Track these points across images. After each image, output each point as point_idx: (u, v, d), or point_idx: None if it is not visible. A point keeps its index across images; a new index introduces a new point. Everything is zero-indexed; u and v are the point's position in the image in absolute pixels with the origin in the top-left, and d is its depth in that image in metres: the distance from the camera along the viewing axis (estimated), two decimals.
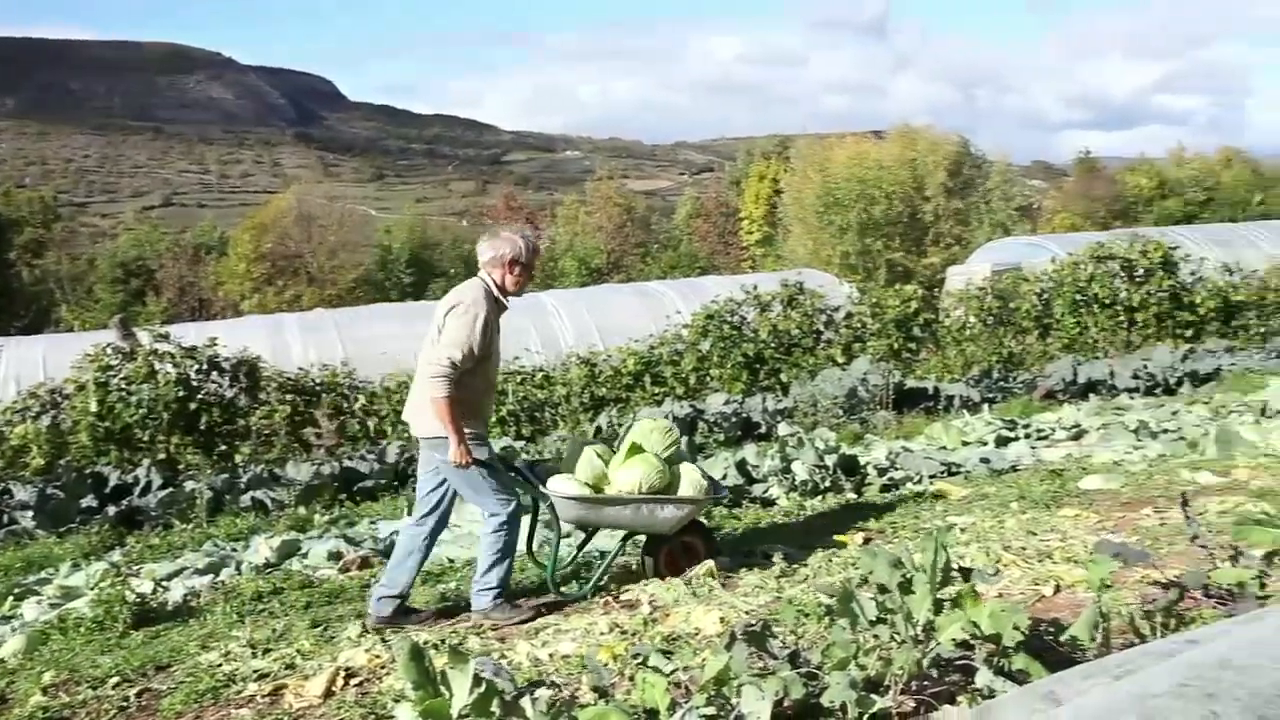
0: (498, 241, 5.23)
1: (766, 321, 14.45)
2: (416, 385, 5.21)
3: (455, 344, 4.96)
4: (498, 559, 5.15)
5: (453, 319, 5.03)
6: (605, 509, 5.35)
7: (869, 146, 40.66)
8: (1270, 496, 6.22)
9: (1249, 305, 17.41)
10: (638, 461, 5.41)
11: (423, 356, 5.16)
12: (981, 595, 4.67)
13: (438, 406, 4.92)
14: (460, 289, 5.21)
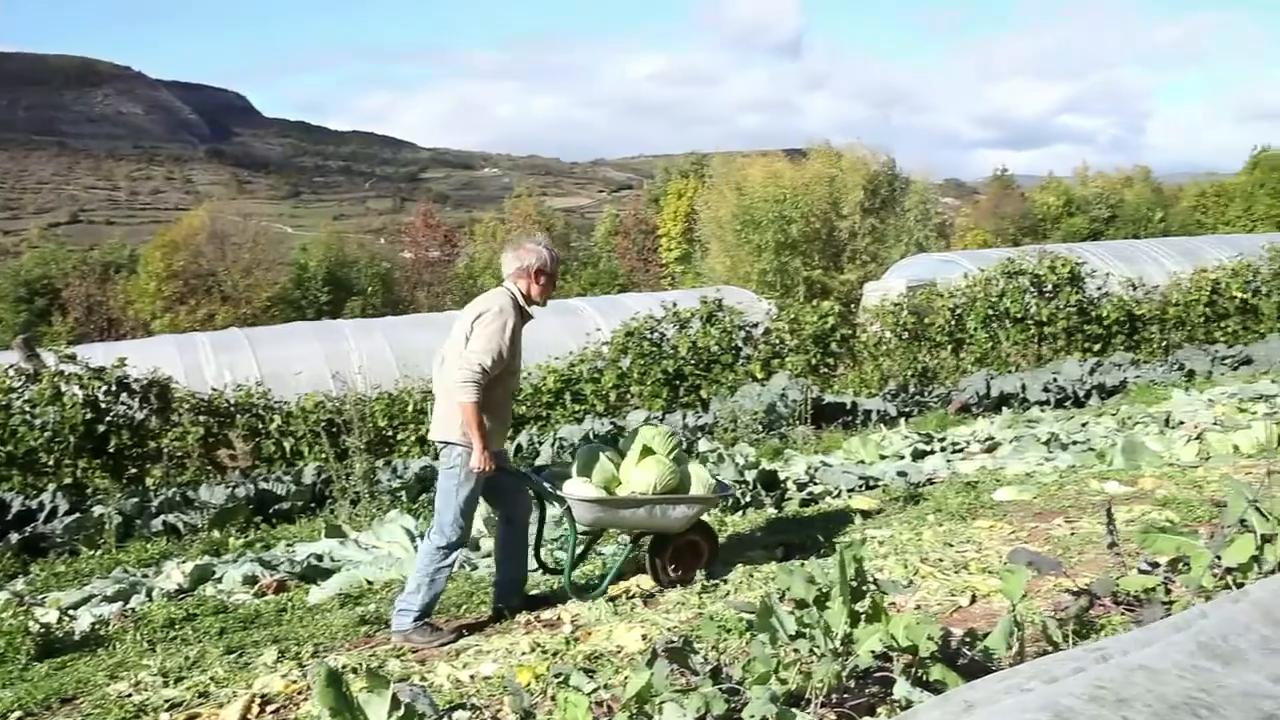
0: (522, 252, 5.32)
1: (686, 338, 14.51)
2: (438, 391, 5.35)
3: (486, 350, 5.03)
4: (428, 582, 5.12)
5: (482, 326, 5.10)
6: (621, 510, 5.48)
7: (784, 165, 41.12)
8: (1174, 505, 6.40)
9: (1152, 319, 17.93)
10: (651, 463, 5.53)
11: (443, 365, 5.26)
12: (900, 607, 4.75)
13: (465, 411, 4.98)
14: (487, 297, 5.29)
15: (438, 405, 5.32)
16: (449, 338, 5.28)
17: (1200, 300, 18.44)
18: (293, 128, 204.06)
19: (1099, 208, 51.57)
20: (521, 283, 5.30)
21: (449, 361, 5.19)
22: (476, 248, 52.48)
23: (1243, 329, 18.50)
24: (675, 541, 5.69)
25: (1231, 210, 47.94)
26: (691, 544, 5.77)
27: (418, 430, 13.10)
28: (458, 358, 5.08)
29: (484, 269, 46.94)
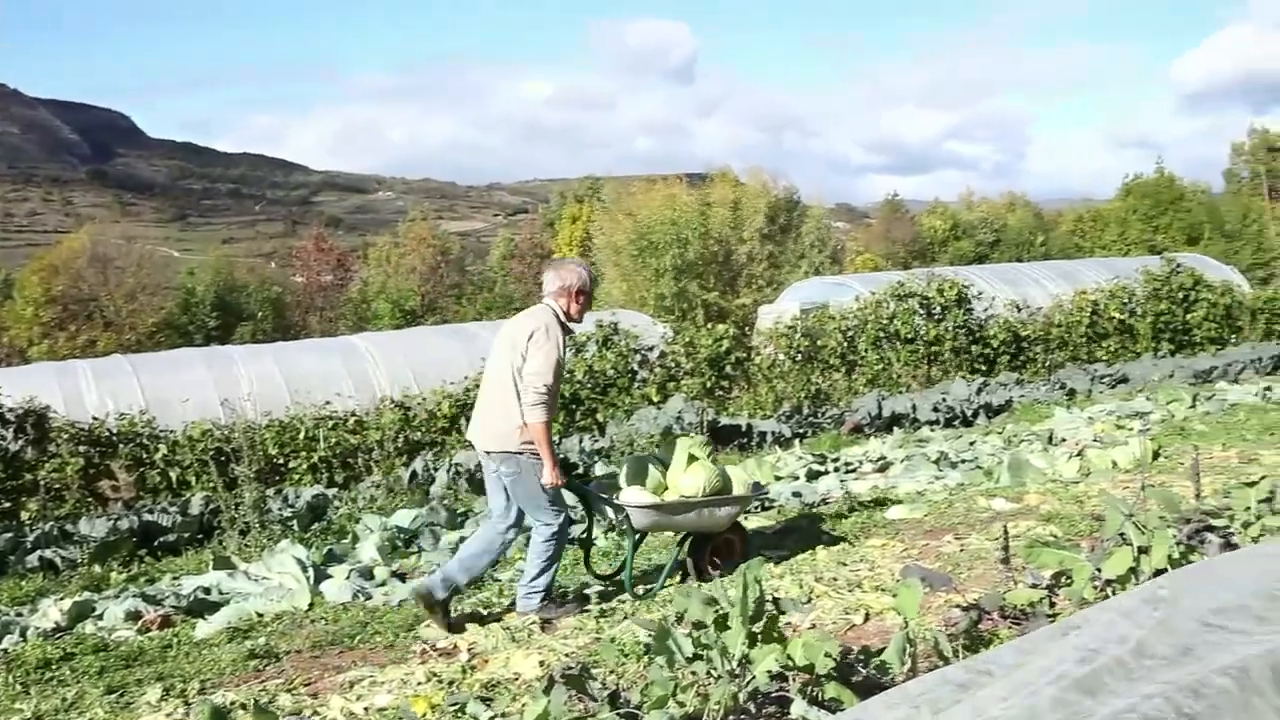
0: (564, 272, 5.65)
1: (582, 362, 14.50)
2: (485, 403, 5.57)
3: (544, 370, 5.30)
4: (545, 566, 5.50)
5: (536, 346, 5.34)
6: (674, 514, 5.92)
7: (682, 190, 41.48)
8: (1057, 520, 6.60)
9: (1036, 340, 18.51)
10: (698, 468, 5.97)
11: (494, 377, 5.54)
12: (796, 626, 4.79)
13: (535, 431, 5.29)
14: (533, 315, 5.58)
15: (487, 418, 5.53)
16: (495, 354, 5.58)
17: (1081, 321, 19.11)
18: (179, 149, 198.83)
19: (984, 232, 53.16)
20: (562, 300, 5.58)
21: (495, 378, 5.51)
22: (370, 272, 51.80)
23: (1121, 348, 19.21)
24: (715, 540, 6.10)
25: (1107, 234, 49.76)
26: (727, 541, 6.18)
27: (310, 458, 12.85)
28: (507, 375, 5.38)
29: (378, 293, 46.33)
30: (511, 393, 5.35)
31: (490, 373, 5.61)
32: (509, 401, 5.36)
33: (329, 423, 13.45)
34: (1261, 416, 10.61)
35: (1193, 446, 8.27)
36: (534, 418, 5.27)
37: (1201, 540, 4.66)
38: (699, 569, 6.06)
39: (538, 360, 5.31)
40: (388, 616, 5.80)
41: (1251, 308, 21.86)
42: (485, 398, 5.61)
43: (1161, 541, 4.23)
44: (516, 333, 5.48)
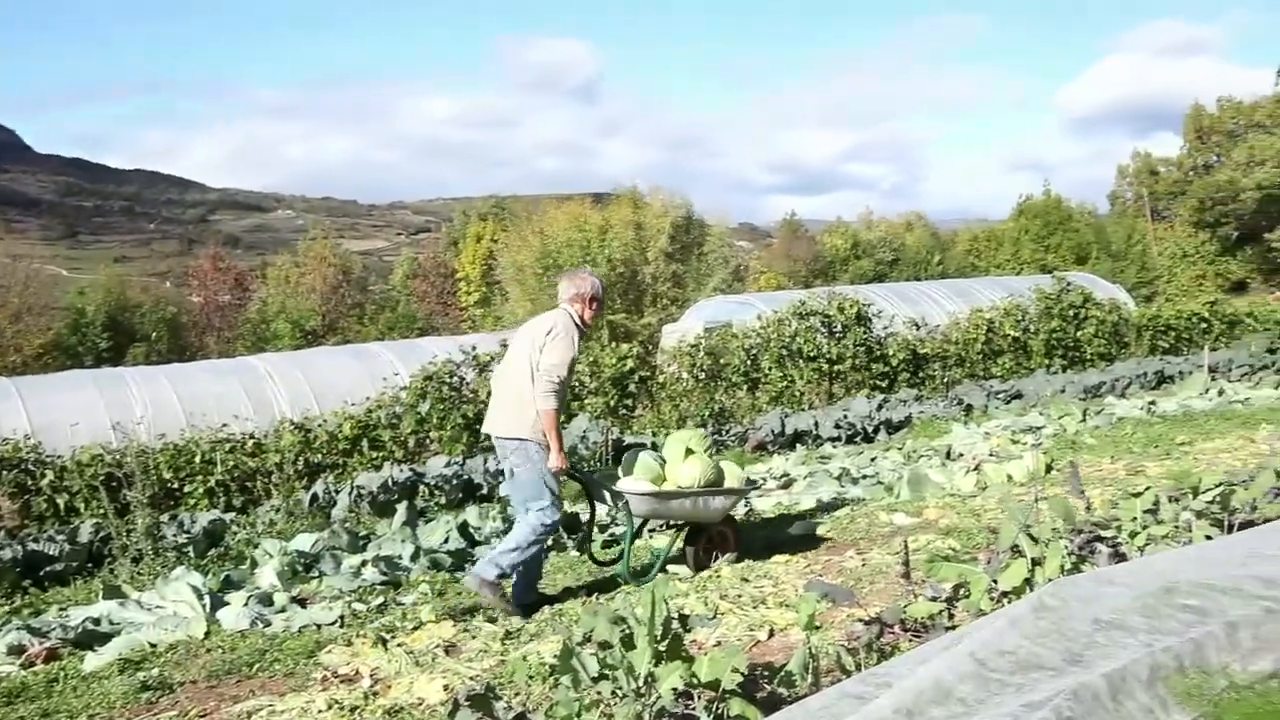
0: (579, 280, 6.12)
1: (486, 382, 14.39)
2: (500, 395, 6.02)
3: (560, 363, 5.76)
4: (517, 550, 5.82)
5: (553, 341, 5.80)
6: (671, 501, 6.25)
7: (587, 209, 41.52)
8: (956, 533, 6.74)
9: (934, 357, 18.91)
10: (695, 460, 6.31)
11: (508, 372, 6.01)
12: (701, 644, 4.81)
13: (545, 417, 5.71)
14: (550, 317, 6.00)
15: (504, 408, 5.95)
16: (512, 350, 6.09)
17: (978, 339, 19.59)
18: (68, 164, 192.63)
19: (883, 251, 54.17)
20: (577, 306, 6.03)
21: (514, 371, 5.93)
22: (269, 291, 50.74)
23: (1016, 365, 19.74)
24: (709, 531, 6.45)
25: (1001, 254, 51.13)
26: (721, 533, 6.54)
27: (206, 481, 12.53)
28: (525, 367, 5.81)
29: (277, 313, 45.37)
30: (529, 385, 5.78)
31: (508, 367, 6.05)
32: (525, 392, 5.79)
33: (226, 445, 13.14)
34: (1146, 430, 10.98)
35: (1073, 462, 8.52)
36: (546, 405, 5.70)
37: (1092, 550, 4.80)
38: (694, 558, 6.39)
39: (554, 355, 5.76)
40: (287, 643, 5.66)
41: (1137, 325, 22.66)
42: (502, 390, 6.03)
43: (1054, 553, 4.34)
44: (536, 331, 5.93)
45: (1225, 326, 24.61)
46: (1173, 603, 2.58)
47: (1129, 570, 3.15)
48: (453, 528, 8.09)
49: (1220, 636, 2.42)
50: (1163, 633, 2.37)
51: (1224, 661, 2.38)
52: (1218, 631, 2.42)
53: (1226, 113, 53.32)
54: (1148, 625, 2.40)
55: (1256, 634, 2.48)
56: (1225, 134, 53.09)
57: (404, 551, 7.61)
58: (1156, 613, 2.51)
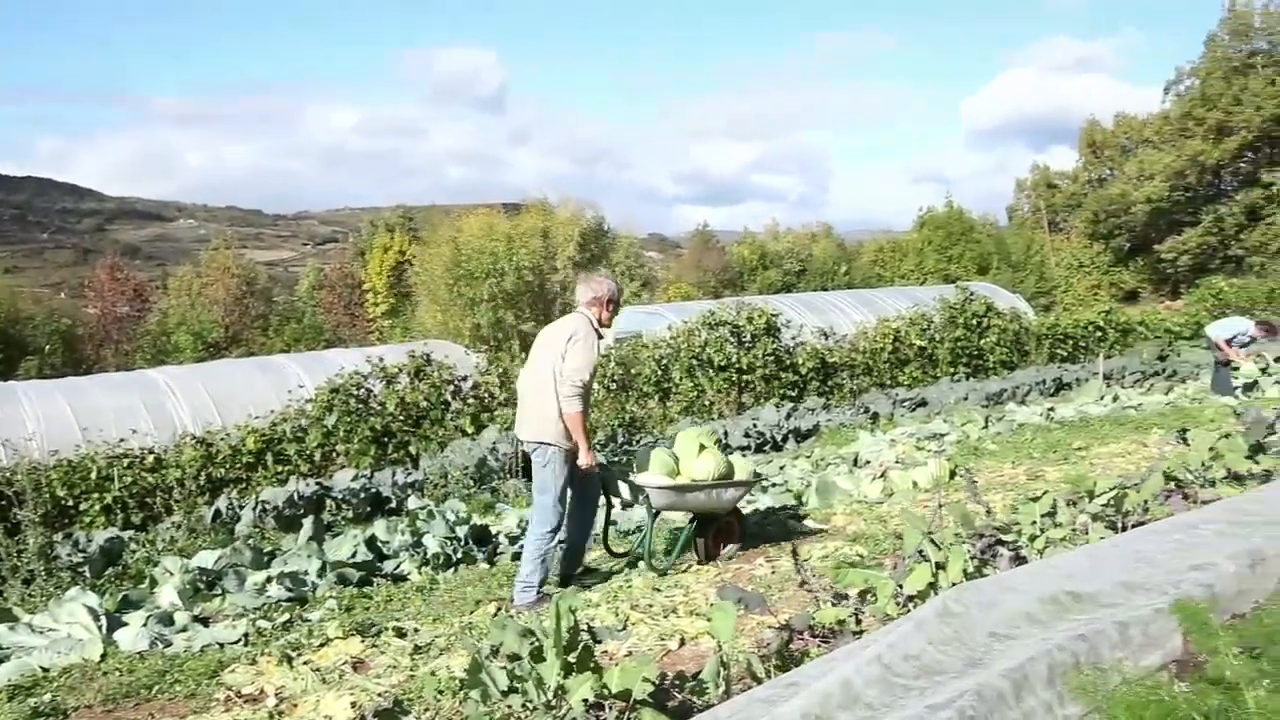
0: (595, 284, 6.39)
1: (394, 394, 14.23)
2: (524, 400, 6.28)
3: (584, 367, 6.02)
4: (540, 564, 6.09)
5: (575, 346, 6.05)
6: (688, 494, 6.55)
7: (497, 219, 41.33)
8: (863, 540, 6.83)
9: (842, 366, 19.18)
10: (709, 455, 6.74)
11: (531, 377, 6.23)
12: (612, 655, 4.80)
13: (572, 419, 5.98)
14: (570, 322, 6.25)
15: (528, 412, 6.22)
16: (536, 355, 6.32)
17: (885, 348, 19.92)
18: None
19: (791, 261, 54.82)
20: (594, 309, 6.30)
21: (537, 376, 6.16)
22: (170, 302, 49.48)
23: (922, 373, 20.12)
24: (718, 523, 6.78)
25: (905, 264, 52.11)
26: (729, 524, 6.88)
27: (103, 499, 12.16)
28: (548, 373, 6.05)
29: (178, 325, 44.29)
30: (552, 389, 6.02)
31: (532, 373, 6.26)
32: (549, 397, 6.04)
33: (125, 461, 12.75)
34: (1046, 436, 11.27)
35: (970, 469, 8.71)
36: (571, 408, 5.96)
37: (994, 554, 4.91)
38: (704, 548, 6.72)
39: (576, 359, 6.01)
40: (189, 664, 5.52)
41: (1037, 334, 23.29)
42: (526, 396, 6.29)
43: (957, 557, 4.43)
44: (556, 336, 6.19)
45: (1119, 335, 25.44)
46: (1069, 604, 2.65)
47: (1028, 573, 3.23)
48: (360, 542, 7.97)
49: (1113, 635, 2.49)
50: (1060, 633, 2.44)
51: (1117, 658, 2.45)
52: (1110, 630, 2.49)
53: (1119, 128, 55.10)
54: (1046, 626, 2.46)
55: (1145, 631, 2.56)
56: (1118, 149, 54.84)
57: (310, 567, 7.47)
58: (1054, 614, 2.57)
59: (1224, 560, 3.26)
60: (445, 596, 6.70)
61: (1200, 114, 48.33)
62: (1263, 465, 6.65)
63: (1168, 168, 48.96)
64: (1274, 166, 49.05)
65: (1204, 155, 47.91)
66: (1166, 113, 52.12)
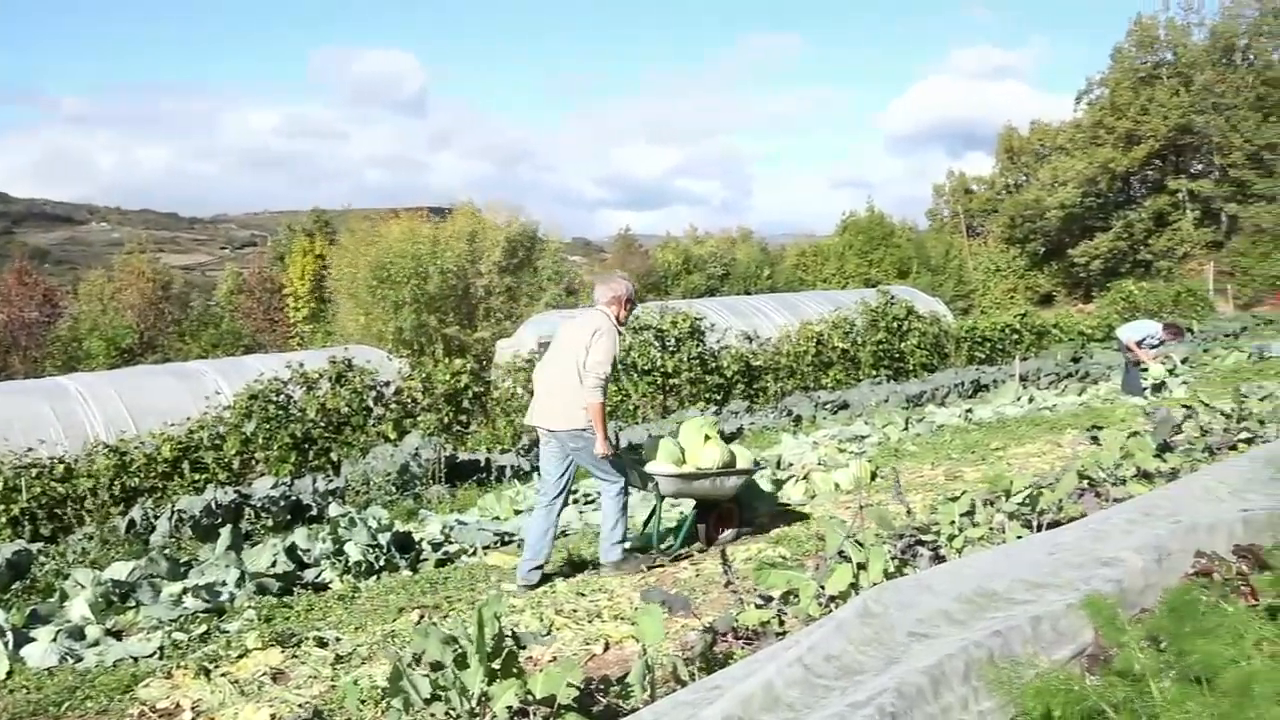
0: (614, 284, 6.75)
1: (315, 400, 14.02)
2: (551, 391, 6.57)
3: (605, 360, 6.38)
4: (619, 519, 6.55)
5: (598, 341, 6.40)
6: (694, 481, 6.92)
7: (420, 223, 40.95)
8: (786, 541, 6.90)
9: (766, 369, 19.33)
10: (713, 444, 7.12)
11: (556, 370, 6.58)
12: (537, 660, 4.79)
13: (594, 409, 6.34)
14: (592, 319, 6.58)
15: (553, 403, 6.53)
16: (558, 348, 6.70)
17: (808, 351, 20.12)
18: None
19: (714, 266, 55.16)
20: (613, 308, 6.64)
21: (562, 369, 6.50)
22: (82, 308, 48.19)
23: (845, 376, 20.36)
24: (719, 509, 7.17)
25: (827, 268, 52.72)
26: (728, 510, 7.28)
27: (9, 510, 11.80)
28: (573, 366, 6.40)
29: (90, 331, 43.17)
30: (577, 380, 6.37)
31: (554, 366, 6.62)
32: (575, 388, 6.38)
33: (33, 471, 12.39)
34: (964, 437, 11.48)
35: (890, 470, 8.83)
36: (593, 398, 6.32)
37: (914, 554, 4.99)
38: (706, 532, 7.10)
39: (599, 354, 6.36)
40: (101, 679, 5.38)
41: (956, 336, 23.70)
42: (550, 387, 6.59)
43: (878, 557, 4.49)
44: (580, 332, 6.52)
45: (1034, 337, 26.00)
46: (985, 602, 2.70)
47: (946, 573, 3.28)
48: (280, 550, 7.83)
49: (1026, 630, 2.54)
50: (976, 629, 2.48)
51: (1030, 652, 2.50)
52: (1024, 626, 2.54)
53: (1034, 135, 56.36)
54: (963, 624, 2.50)
55: (1056, 627, 2.62)
56: (1033, 155, 56.08)
57: (228, 577, 7.32)
58: (971, 612, 2.62)
59: (1132, 556, 3.35)
60: (367, 605, 6.62)
61: (1110, 123, 49.66)
62: (1170, 464, 6.85)
63: (1080, 174, 50.20)
64: (1180, 174, 50.61)
65: (1114, 163, 49.22)
66: (1079, 121, 53.46)
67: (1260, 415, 9.29)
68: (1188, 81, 47.93)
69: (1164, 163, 51.15)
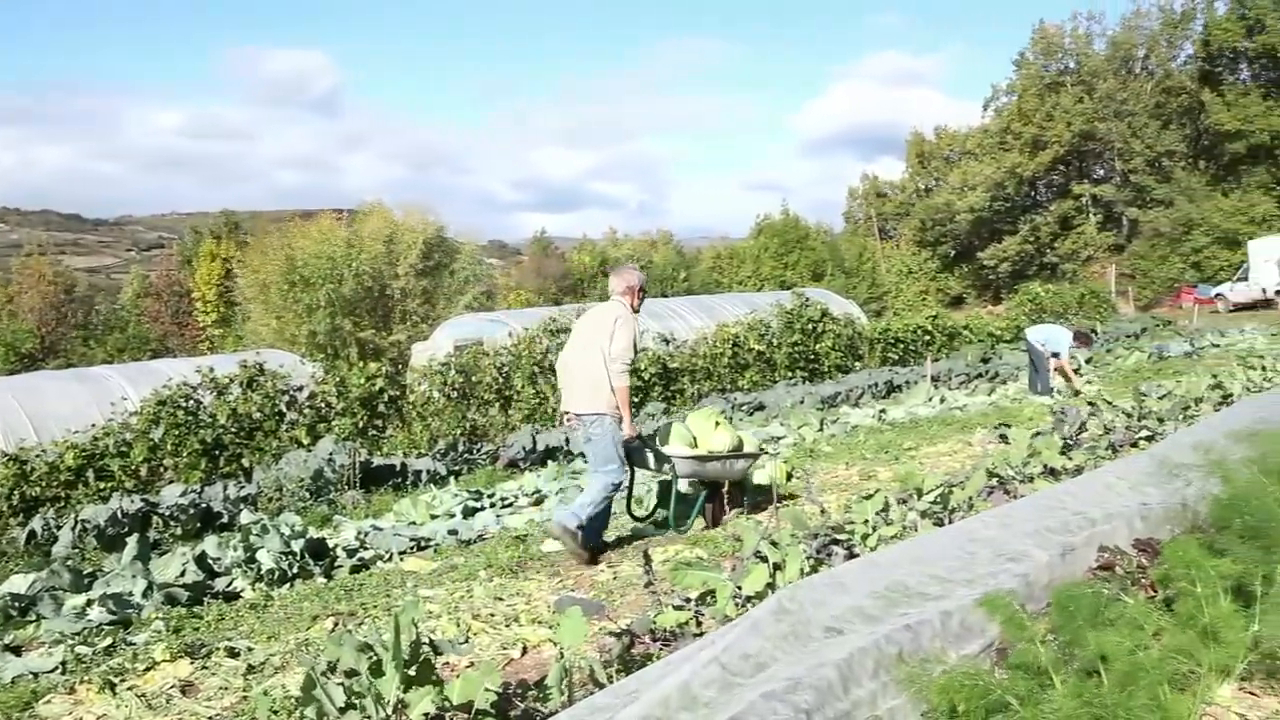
0: (626, 275, 7.17)
1: (226, 405, 13.76)
2: (574, 378, 6.90)
3: (628, 347, 6.75)
4: (592, 503, 6.77)
5: (621, 329, 6.75)
6: (707, 464, 7.33)
7: (333, 224, 40.39)
8: (703, 542, 6.93)
9: (683, 371, 19.43)
10: (724, 430, 7.59)
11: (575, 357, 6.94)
12: (454, 666, 4.75)
13: (621, 393, 6.72)
14: (611, 308, 6.95)
15: (580, 388, 6.83)
16: (579, 338, 7.02)
17: (725, 353, 20.26)
18: None
19: None
20: (628, 297, 7.02)
21: (586, 356, 6.83)
22: None
23: (762, 377, 20.55)
24: (723, 489, 7.52)
25: (743, 271, 53.23)
26: (731, 492, 7.59)
27: None
28: (597, 354, 6.72)
29: None
30: (603, 368, 6.69)
31: (578, 354, 6.94)
32: (600, 375, 6.70)
33: None
34: (878, 437, 11.65)
35: (805, 470, 8.93)
36: (621, 382, 6.71)
37: (829, 553, 5.05)
38: (713, 511, 7.48)
39: (622, 341, 6.71)
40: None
41: (869, 338, 24.07)
42: (573, 374, 6.92)
43: (794, 557, 4.54)
44: (601, 321, 6.88)
45: (945, 338, 26.52)
46: (897, 598, 2.75)
47: (860, 569, 3.33)
48: (190, 559, 7.66)
49: (936, 625, 2.59)
50: (886, 625, 2.52)
51: (939, 647, 2.55)
52: (934, 621, 2.59)
53: (943, 141, 57.49)
54: (874, 619, 2.54)
55: (964, 621, 2.67)
56: (943, 160, 57.22)
57: (135, 588, 7.14)
58: (883, 608, 2.66)
59: (1038, 551, 3.43)
60: (280, 613, 6.50)
61: (1017, 128, 50.89)
62: (1075, 461, 7.03)
63: (988, 179, 51.35)
64: (1083, 179, 52.02)
65: (1021, 167, 50.44)
66: (986, 126, 54.65)
67: (1159, 413, 9.60)
68: (1090, 89, 49.30)
69: (1068, 168, 52.57)
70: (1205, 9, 48.56)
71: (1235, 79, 46.52)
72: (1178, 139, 47.96)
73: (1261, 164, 43.99)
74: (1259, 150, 43.80)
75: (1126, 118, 48.12)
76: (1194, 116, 48.19)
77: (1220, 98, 44.80)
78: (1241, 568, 3.23)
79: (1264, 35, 43.07)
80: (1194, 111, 47.86)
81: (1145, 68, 49.94)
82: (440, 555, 7.77)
